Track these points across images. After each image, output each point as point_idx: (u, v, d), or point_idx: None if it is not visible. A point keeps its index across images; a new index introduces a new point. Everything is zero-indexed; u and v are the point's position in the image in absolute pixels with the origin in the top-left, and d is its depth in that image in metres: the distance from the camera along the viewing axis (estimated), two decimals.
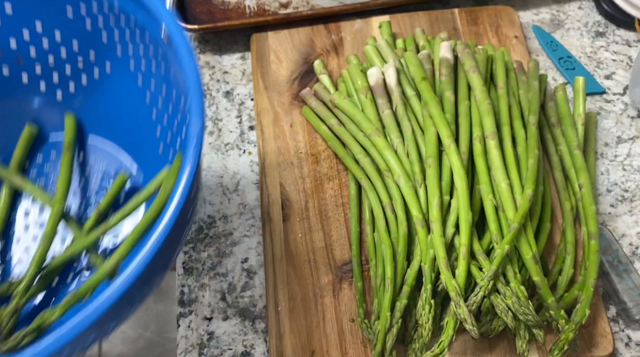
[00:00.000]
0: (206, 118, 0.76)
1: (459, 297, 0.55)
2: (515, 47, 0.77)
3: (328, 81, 0.74)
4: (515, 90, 0.69)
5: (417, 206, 0.61)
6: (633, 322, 0.63)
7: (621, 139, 0.73)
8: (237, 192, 0.71)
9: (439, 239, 0.58)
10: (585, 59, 0.79)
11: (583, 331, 0.60)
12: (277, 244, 0.66)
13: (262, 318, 0.64)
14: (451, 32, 0.78)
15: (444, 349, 0.55)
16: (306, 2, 0.82)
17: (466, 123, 0.64)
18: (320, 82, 0.74)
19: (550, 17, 0.83)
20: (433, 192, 0.60)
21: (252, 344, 0.63)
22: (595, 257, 0.60)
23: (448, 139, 0.62)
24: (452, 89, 0.67)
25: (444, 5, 0.84)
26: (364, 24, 0.79)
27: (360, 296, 0.62)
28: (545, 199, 0.64)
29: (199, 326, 0.64)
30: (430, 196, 0.61)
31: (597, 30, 0.81)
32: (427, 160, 0.62)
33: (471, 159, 0.64)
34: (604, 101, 0.76)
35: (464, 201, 0.59)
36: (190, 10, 0.81)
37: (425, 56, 0.70)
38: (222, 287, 0.66)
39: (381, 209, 0.63)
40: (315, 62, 0.76)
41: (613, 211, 0.69)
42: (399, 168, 0.63)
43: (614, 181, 0.71)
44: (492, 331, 0.59)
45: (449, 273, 0.56)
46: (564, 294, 0.61)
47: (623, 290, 0.63)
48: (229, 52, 0.81)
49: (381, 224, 0.62)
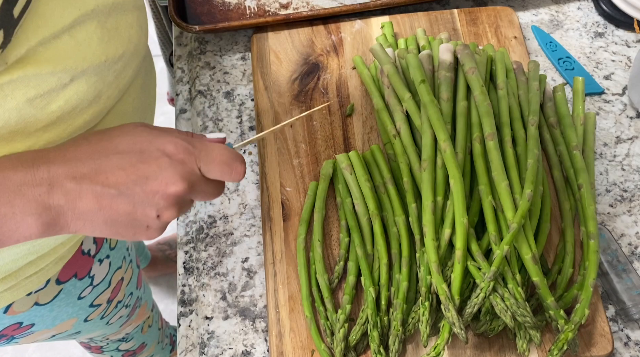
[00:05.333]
0: (207, 118, 0.76)
1: (449, 301, 0.55)
2: (515, 47, 0.77)
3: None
4: (515, 91, 0.69)
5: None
6: (632, 322, 0.63)
7: (620, 139, 0.73)
8: (238, 192, 0.71)
9: (431, 243, 0.58)
10: (584, 60, 0.79)
11: (582, 330, 0.60)
12: (277, 244, 0.66)
13: (262, 317, 0.65)
14: (451, 33, 0.78)
15: (439, 352, 0.56)
16: (306, 3, 0.82)
17: (464, 124, 0.65)
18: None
19: (549, 17, 0.83)
20: (427, 195, 0.61)
21: (253, 343, 0.63)
22: (594, 257, 0.60)
23: (444, 142, 0.62)
24: (451, 91, 0.67)
25: (444, 6, 0.84)
26: (363, 25, 0.80)
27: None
28: (544, 199, 0.64)
29: (200, 325, 0.64)
30: (424, 199, 0.61)
31: (596, 31, 0.81)
32: (422, 163, 0.63)
33: (471, 160, 0.64)
34: (603, 101, 0.76)
35: (460, 205, 0.59)
36: (190, 10, 0.82)
37: (426, 56, 0.70)
38: (222, 286, 0.66)
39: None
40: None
41: (612, 211, 0.69)
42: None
43: (613, 181, 0.71)
44: (492, 331, 0.59)
45: (440, 277, 0.57)
46: (563, 293, 0.61)
47: (622, 289, 0.63)
48: (229, 53, 0.81)
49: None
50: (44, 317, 0.72)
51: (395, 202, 0.64)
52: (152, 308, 1.04)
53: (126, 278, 0.84)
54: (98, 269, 0.75)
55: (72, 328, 0.80)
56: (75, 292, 0.74)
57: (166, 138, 0.46)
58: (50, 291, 0.69)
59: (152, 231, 0.47)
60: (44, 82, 0.48)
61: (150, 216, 0.46)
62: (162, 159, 0.45)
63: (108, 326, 0.89)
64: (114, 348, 1.02)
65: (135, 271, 0.88)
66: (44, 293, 0.68)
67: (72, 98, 0.51)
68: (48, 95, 0.49)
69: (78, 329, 0.82)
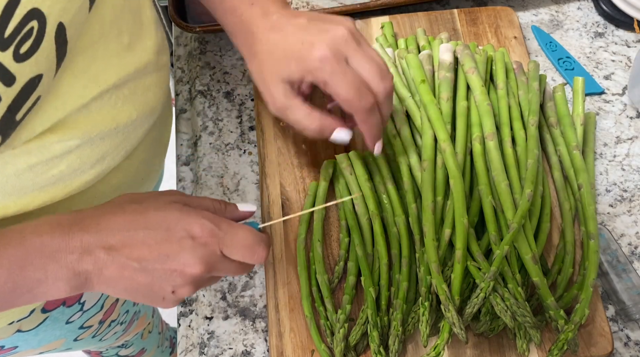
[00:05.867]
0: (207, 118, 0.76)
1: (448, 301, 0.55)
2: (515, 47, 0.77)
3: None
4: (515, 91, 0.69)
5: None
6: (632, 322, 0.63)
7: (620, 139, 0.73)
8: (238, 192, 0.71)
9: (431, 243, 0.58)
10: (584, 60, 0.79)
11: (582, 330, 0.60)
12: (277, 244, 0.66)
13: (262, 317, 0.65)
14: (451, 33, 0.78)
15: (439, 352, 0.56)
16: (306, 3, 0.82)
17: (463, 124, 0.65)
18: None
19: (549, 17, 0.83)
20: (427, 196, 0.61)
21: (253, 343, 0.63)
22: (594, 257, 0.60)
23: (445, 142, 0.62)
24: (451, 91, 0.67)
25: (444, 6, 0.84)
26: (363, 25, 0.80)
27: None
28: (544, 199, 0.64)
29: (200, 325, 0.64)
30: (424, 199, 0.61)
31: (596, 31, 0.81)
32: (422, 163, 0.62)
33: (471, 160, 0.64)
34: (603, 101, 0.76)
35: (460, 205, 0.59)
36: (190, 10, 0.82)
37: (426, 56, 0.70)
38: (222, 286, 0.66)
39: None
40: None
41: (612, 211, 0.69)
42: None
43: (613, 181, 0.71)
44: (492, 331, 0.59)
45: (440, 277, 0.57)
46: (563, 293, 0.61)
47: (622, 289, 0.63)
48: (229, 53, 0.81)
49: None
50: (28, 341, 0.71)
51: (395, 202, 0.64)
52: (152, 314, 1.02)
53: (121, 299, 0.82)
54: (89, 296, 0.74)
55: (61, 346, 0.79)
56: (63, 319, 0.72)
57: (194, 219, 0.48)
58: (35, 319, 0.68)
59: (167, 302, 0.50)
60: (48, 150, 0.48)
61: (166, 290, 0.48)
62: (186, 240, 0.47)
63: (102, 342, 0.87)
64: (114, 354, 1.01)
65: None
66: (27, 321, 0.67)
67: (74, 162, 0.51)
68: (51, 161, 0.49)
69: (69, 347, 0.80)
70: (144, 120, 0.57)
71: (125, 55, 0.51)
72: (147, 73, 0.55)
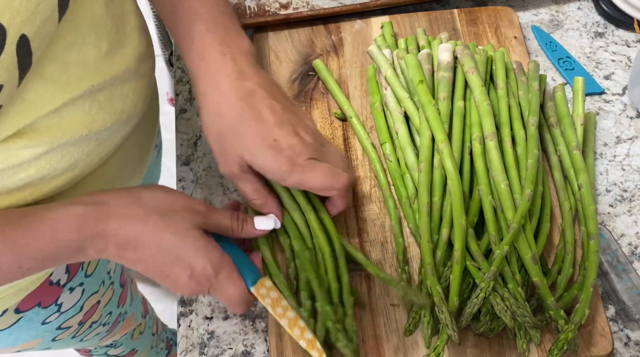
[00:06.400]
0: None
1: (442, 303, 0.55)
2: (515, 47, 0.77)
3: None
4: (515, 91, 0.69)
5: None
6: (632, 322, 0.63)
7: (620, 139, 0.73)
8: (237, 192, 0.71)
9: (426, 245, 0.58)
10: (584, 60, 0.79)
11: (582, 330, 0.60)
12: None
13: (262, 317, 0.64)
14: (451, 33, 0.78)
15: (439, 353, 0.56)
16: (306, 3, 0.82)
17: (459, 124, 0.64)
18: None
19: (549, 17, 0.83)
20: (423, 197, 0.61)
21: (253, 343, 0.63)
22: (594, 257, 0.60)
23: (442, 143, 0.62)
24: (449, 90, 0.67)
25: (444, 6, 0.84)
26: (363, 25, 0.80)
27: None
28: (544, 199, 0.64)
29: (200, 325, 0.64)
30: (420, 201, 0.61)
31: (596, 31, 0.81)
32: (419, 165, 0.62)
33: (470, 160, 0.64)
34: (603, 101, 0.76)
35: (458, 206, 0.59)
36: None
37: (425, 56, 0.70)
38: None
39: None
40: (314, 62, 0.76)
41: (612, 211, 0.69)
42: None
43: (613, 181, 0.71)
44: (492, 331, 0.59)
45: (434, 278, 0.57)
46: (563, 293, 0.61)
47: (622, 289, 0.63)
48: None
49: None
50: (1, 340, 0.70)
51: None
52: (143, 315, 1.01)
53: (104, 300, 0.81)
54: (68, 297, 0.73)
55: (39, 346, 0.78)
56: (38, 319, 0.71)
57: (201, 259, 0.52)
58: (7, 319, 0.67)
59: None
60: (15, 156, 0.49)
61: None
62: (184, 272, 0.52)
63: (83, 342, 0.86)
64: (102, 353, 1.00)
65: (117, 291, 0.85)
66: (0, 321, 0.67)
67: (44, 168, 0.51)
68: (18, 167, 0.49)
69: (47, 346, 0.80)
70: (120, 127, 0.57)
71: (102, 62, 0.51)
72: (126, 80, 0.55)
